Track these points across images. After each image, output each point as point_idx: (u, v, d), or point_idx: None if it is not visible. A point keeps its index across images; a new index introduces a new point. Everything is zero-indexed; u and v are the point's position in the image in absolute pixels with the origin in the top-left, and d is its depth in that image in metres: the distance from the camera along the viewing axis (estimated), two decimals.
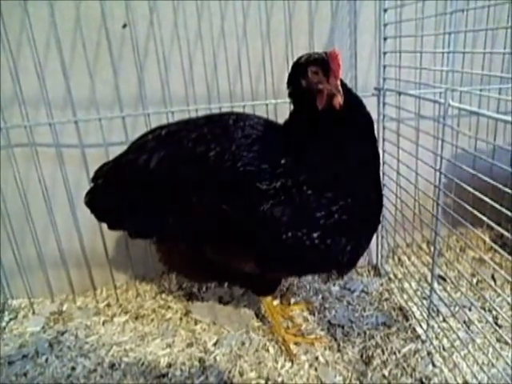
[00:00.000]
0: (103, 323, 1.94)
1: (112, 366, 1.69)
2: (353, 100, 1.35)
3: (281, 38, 1.89)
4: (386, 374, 1.55)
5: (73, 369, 1.68)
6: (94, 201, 1.60)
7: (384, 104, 1.85)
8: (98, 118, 1.83)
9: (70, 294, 2.13)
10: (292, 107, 1.44)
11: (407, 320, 1.80)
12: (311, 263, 1.42)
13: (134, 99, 1.89)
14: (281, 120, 1.63)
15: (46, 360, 1.73)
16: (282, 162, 1.35)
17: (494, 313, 1.76)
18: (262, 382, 1.57)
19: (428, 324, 1.65)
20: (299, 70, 1.33)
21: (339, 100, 1.27)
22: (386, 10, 1.72)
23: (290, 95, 1.41)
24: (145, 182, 1.47)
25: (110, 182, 1.58)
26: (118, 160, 1.58)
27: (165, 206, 1.46)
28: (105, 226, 1.89)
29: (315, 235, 1.33)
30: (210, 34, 1.85)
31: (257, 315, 1.90)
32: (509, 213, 1.12)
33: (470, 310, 1.78)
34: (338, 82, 1.26)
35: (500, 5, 1.93)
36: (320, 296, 2.02)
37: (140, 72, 1.85)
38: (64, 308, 2.06)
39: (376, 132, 1.45)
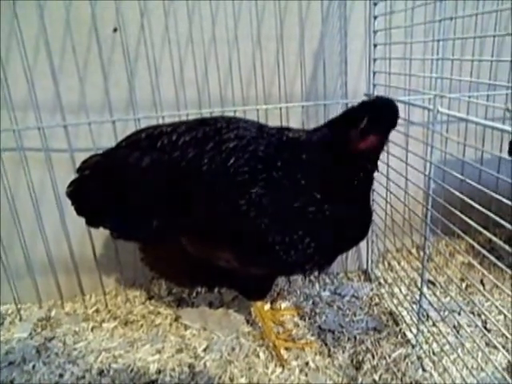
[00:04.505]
0: (92, 329, 1.92)
1: (101, 372, 1.67)
2: None
3: (272, 43, 1.90)
4: (377, 378, 1.55)
5: (61, 376, 1.66)
6: (77, 192, 1.55)
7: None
8: (88, 122, 1.82)
9: (58, 299, 2.10)
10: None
11: (397, 325, 1.81)
12: (289, 256, 1.45)
13: (125, 103, 1.88)
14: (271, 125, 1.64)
15: (34, 367, 1.71)
16: (278, 163, 1.40)
17: (483, 317, 1.78)
18: None
19: (418, 329, 1.66)
20: None
21: None
22: (375, 17, 1.74)
23: None
24: (134, 181, 1.46)
25: (96, 175, 1.53)
26: (107, 154, 1.55)
27: (152, 206, 1.46)
28: (94, 230, 1.89)
29: (300, 232, 1.39)
30: (200, 39, 1.85)
31: (247, 320, 1.90)
32: (496, 218, 1.13)
33: (459, 314, 1.80)
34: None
35: (487, 13, 1.96)
36: (310, 301, 2.02)
37: (130, 76, 1.84)
38: (52, 314, 2.04)
39: None
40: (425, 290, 1.60)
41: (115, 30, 1.79)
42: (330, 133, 1.43)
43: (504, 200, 1.09)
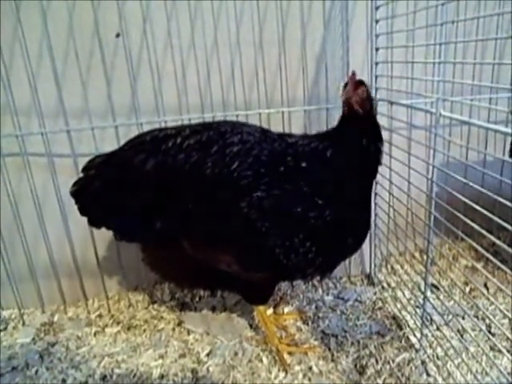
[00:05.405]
0: (95, 334, 1.92)
1: (104, 377, 1.66)
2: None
3: (274, 47, 1.91)
4: (380, 383, 1.54)
5: (63, 381, 1.66)
6: (80, 192, 1.55)
7: (376, 114, 1.86)
8: (91, 127, 1.82)
9: (61, 304, 2.10)
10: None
11: (401, 329, 1.80)
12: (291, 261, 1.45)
13: (127, 108, 1.89)
14: (274, 129, 1.64)
15: (36, 372, 1.70)
16: (280, 168, 1.41)
17: (487, 321, 1.76)
18: None
19: (421, 333, 1.65)
20: None
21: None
22: (377, 21, 1.74)
23: None
24: (138, 183, 1.47)
25: (101, 175, 1.54)
26: (112, 155, 1.55)
27: (155, 208, 1.47)
28: (97, 235, 1.90)
29: (301, 236, 1.40)
30: (203, 44, 1.86)
31: (250, 325, 1.89)
32: (500, 221, 1.13)
33: (463, 318, 1.79)
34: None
35: (489, 16, 1.96)
36: (313, 305, 2.01)
37: (133, 81, 1.84)
38: (55, 319, 2.04)
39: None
40: (428, 293, 1.59)
41: (118, 35, 1.80)
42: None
43: (507, 203, 1.09)
